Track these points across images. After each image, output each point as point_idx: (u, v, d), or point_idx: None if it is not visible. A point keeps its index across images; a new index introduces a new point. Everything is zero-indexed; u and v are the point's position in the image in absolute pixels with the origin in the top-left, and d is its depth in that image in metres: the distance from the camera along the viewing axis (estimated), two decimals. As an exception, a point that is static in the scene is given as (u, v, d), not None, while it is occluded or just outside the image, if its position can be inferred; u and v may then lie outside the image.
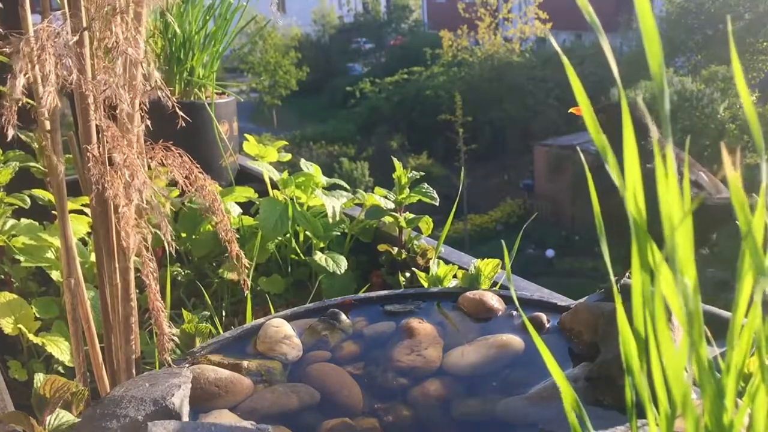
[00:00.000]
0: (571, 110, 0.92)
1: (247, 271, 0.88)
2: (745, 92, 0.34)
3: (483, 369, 0.80)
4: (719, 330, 0.39)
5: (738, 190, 0.33)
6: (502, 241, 0.73)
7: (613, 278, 0.44)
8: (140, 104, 0.78)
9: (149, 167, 0.81)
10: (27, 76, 0.64)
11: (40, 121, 0.75)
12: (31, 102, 0.68)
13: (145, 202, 0.75)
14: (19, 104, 0.63)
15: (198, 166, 0.82)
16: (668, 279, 0.35)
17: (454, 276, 1.14)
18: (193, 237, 1.49)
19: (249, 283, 0.90)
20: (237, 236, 0.93)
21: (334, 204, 1.49)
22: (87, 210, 1.30)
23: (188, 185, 0.81)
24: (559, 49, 0.41)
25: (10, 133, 0.61)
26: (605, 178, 0.43)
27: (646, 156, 0.36)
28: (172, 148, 0.81)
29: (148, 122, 0.80)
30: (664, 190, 0.34)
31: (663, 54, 0.34)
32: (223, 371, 0.78)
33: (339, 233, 1.52)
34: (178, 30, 1.67)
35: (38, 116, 0.73)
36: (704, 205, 0.79)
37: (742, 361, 0.37)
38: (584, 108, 0.37)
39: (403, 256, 1.40)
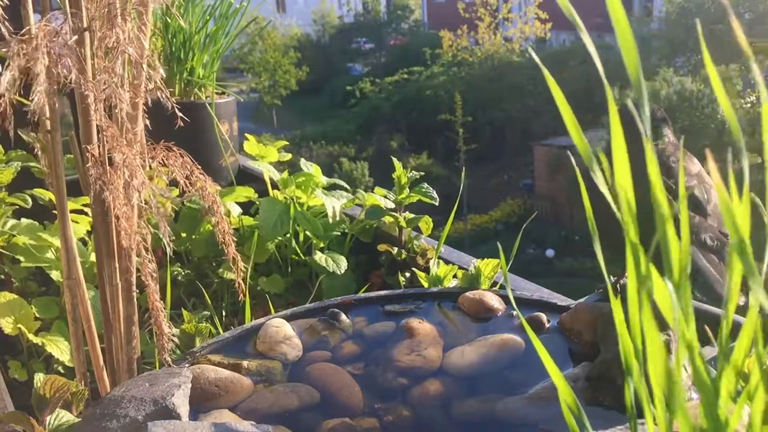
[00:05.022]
0: None
1: (243, 273, 0.88)
2: (723, 95, 0.34)
3: (483, 369, 0.80)
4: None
5: (722, 193, 0.33)
6: (498, 244, 0.73)
7: (608, 279, 0.44)
8: (141, 104, 0.78)
9: (150, 167, 0.81)
10: (13, 73, 0.64)
11: (40, 120, 0.75)
12: (24, 101, 0.68)
13: (143, 202, 0.75)
14: (6, 101, 0.63)
15: (199, 167, 0.82)
16: (658, 281, 0.35)
17: (454, 276, 1.14)
18: (193, 237, 1.49)
19: (244, 287, 0.90)
20: (236, 236, 0.94)
21: (334, 204, 1.49)
22: (87, 210, 1.30)
23: (189, 186, 0.81)
24: (537, 59, 0.41)
25: (11, 131, 0.61)
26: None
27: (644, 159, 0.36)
28: (174, 149, 0.81)
29: (147, 122, 0.80)
30: (657, 191, 0.34)
31: (662, 54, 0.34)
32: (223, 371, 0.78)
33: (339, 233, 1.52)
34: (183, 24, 1.67)
35: (36, 116, 0.73)
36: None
37: (742, 361, 0.37)
38: (565, 112, 0.37)
39: (403, 256, 1.40)
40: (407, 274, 1.34)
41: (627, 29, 0.34)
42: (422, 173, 1.49)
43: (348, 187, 1.62)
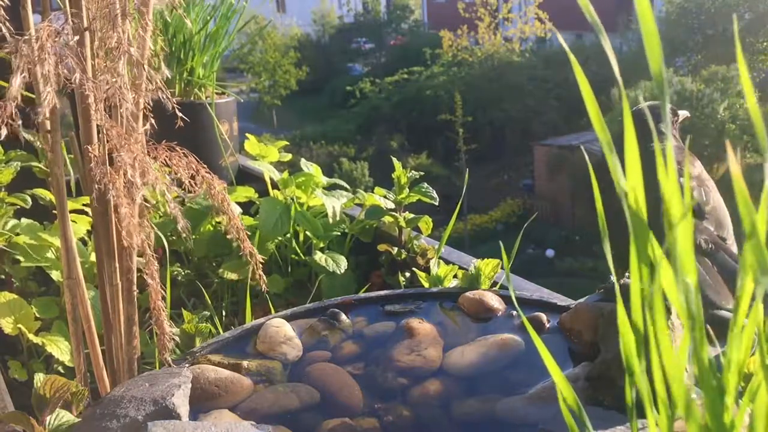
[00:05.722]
0: None
1: (260, 268, 0.88)
2: (750, 93, 0.34)
3: (483, 369, 0.80)
4: (721, 330, 0.39)
5: (742, 189, 0.33)
6: (500, 243, 0.72)
7: (614, 277, 0.44)
8: (143, 104, 0.78)
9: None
10: (23, 75, 0.64)
11: (40, 121, 0.75)
12: (31, 95, 0.68)
13: (152, 199, 0.75)
14: (17, 103, 0.63)
15: (205, 166, 0.83)
16: (669, 277, 0.35)
17: (455, 276, 1.14)
18: (193, 237, 1.49)
19: (265, 278, 0.90)
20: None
21: (334, 204, 1.49)
22: (87, 210, 1.30)
23: (194, 186, 0.81)
24: (567, 48, 0.41)
25: (3, 132, 0.61)
26: (607, 178, 0.43)
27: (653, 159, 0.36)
28: (177, 148, 0.81)
29: (152, 121, 0.80)
30: (666, 186, 0.34)
31: (663, 54, 0.34)
32: (223, 371, 0.78)
33: (339, 233, 1.52)
34: (189, 23, 1.67)
35: (38, 116, 0.73)
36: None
37: (743, 360, 0.37)
38: (590, 106, 0.37)
39: (403, 256, 1.40)
40: (407, 274, 1.34)
41: (653, 27, 0.33)
42: (422, 173, 1.49)
43: (348, 187, 1.62)
